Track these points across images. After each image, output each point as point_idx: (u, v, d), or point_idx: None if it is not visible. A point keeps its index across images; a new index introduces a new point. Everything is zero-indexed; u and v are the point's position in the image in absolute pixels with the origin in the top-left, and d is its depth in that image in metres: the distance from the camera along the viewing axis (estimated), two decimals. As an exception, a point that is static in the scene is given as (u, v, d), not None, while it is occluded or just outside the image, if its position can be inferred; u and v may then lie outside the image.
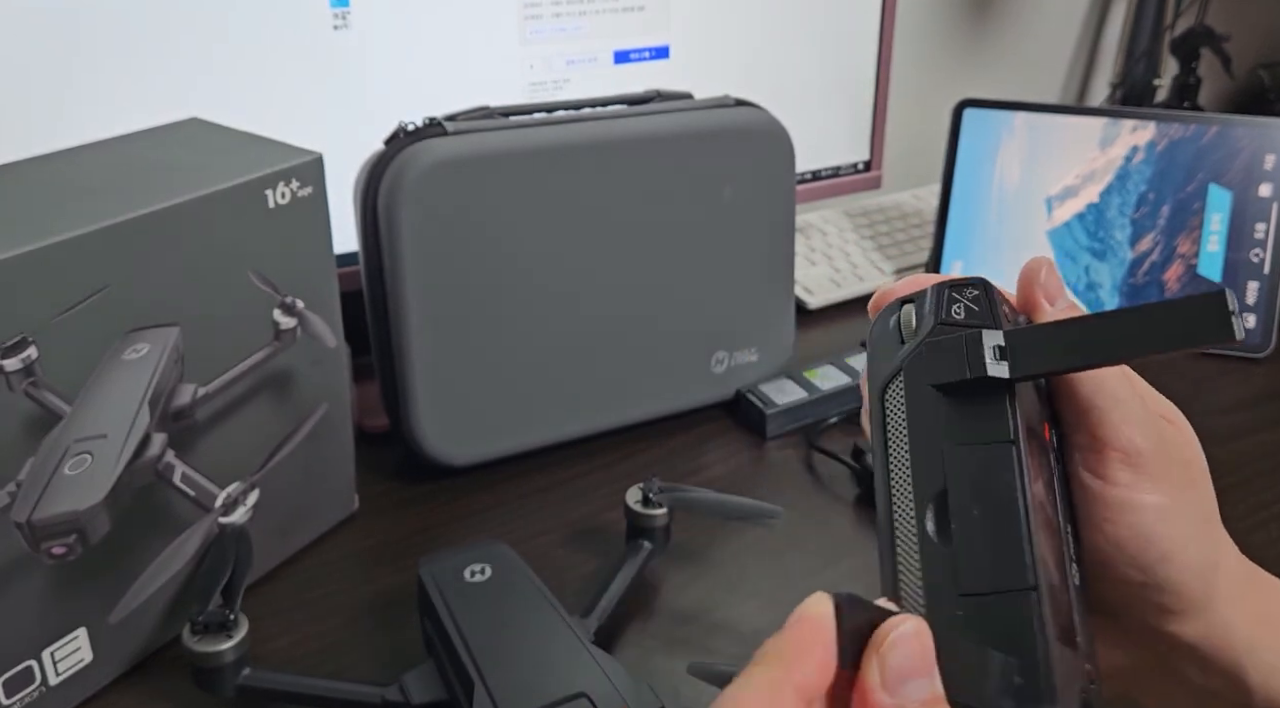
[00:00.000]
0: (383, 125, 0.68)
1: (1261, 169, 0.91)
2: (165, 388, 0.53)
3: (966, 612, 0.29)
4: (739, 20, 0.91)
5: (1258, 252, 0.91)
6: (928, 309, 0.33)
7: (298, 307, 0.59)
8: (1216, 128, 0.92)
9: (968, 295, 0.33)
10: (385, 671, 0.55)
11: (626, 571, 0.59)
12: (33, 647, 0.51)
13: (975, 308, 0.33)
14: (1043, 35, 1.39)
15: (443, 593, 0.52)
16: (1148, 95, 1.35)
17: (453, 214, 0.66)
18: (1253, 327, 0.90)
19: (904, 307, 0.34)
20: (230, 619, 0.51)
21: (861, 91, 1.00)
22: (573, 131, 0.69)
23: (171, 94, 0.70)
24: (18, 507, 0.48)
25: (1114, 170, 0.94)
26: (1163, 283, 0.92)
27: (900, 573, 0.30)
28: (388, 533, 0.67)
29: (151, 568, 0.55)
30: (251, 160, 0.56)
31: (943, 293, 0.33)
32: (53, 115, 0.67)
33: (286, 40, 0.72)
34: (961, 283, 0.34)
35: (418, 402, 0.68)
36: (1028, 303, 0.36)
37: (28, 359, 0.47)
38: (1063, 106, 0.96)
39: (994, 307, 0.33)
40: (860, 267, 1.02)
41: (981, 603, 0.29)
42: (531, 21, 0.81)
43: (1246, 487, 0.72)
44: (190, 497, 0.56)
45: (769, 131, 0.76)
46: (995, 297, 0.33)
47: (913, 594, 0.30)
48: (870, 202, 1.13)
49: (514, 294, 0.69)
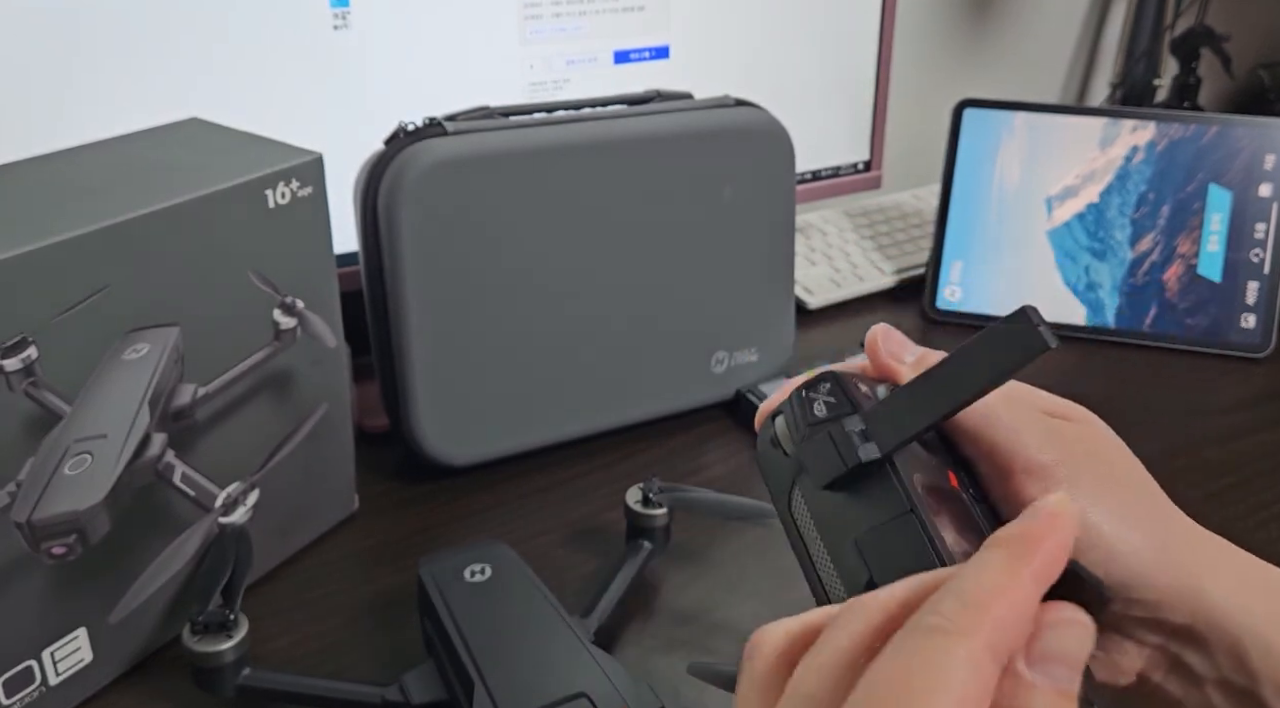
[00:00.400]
0: (383, 125, 0.68)
1: (1261, 169, 0.91)
2: (165, 388, 0.53)
3: None
4: (739, 20, 0.91)
5: (1258, 251, 0.91)
6: (795, 417, 0.35)
7: (298, 307, 0.59)
8: (1216, 128, 0.92)
9: (822, 391, 0.35)
10: (385, 671, 0.55)
11: (626, 571, 0.59)
12: (33, 647, 0.51)
13: (832, 400, 0.35)
14: (1043, 35, 1.39)
15: (443, 593, 0.52)
16: (1148, 95, 1.35)
17: (453, 214, 0.66)
18: (1253, 327, 0.90)
19: (775, 420, 0.36)
20: (230, 619, 0.51)
21: (861, 91, 1.01)
22: (573, 131, 0.69)
23: (171, 94, 0.70)
24: (18, 507, 0.48)
25: (1114, 170, 0.94)
26: (1162, 283, 0.92)
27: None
28: (388, 533, 0.67)
29: (151, 568, 0.55)
30: (251, 160, 0.56)
31: (801, 396, 0.35)
32: (53, 115, 0.67)
33: (287, 40, 0.72)
34: (814, 381, 0.35)
35: (418, 402, 0.68)
36: (882, 370, 0.38)
37: (28, 359, 0.47)
38: (1063, 106, 0.96)
39: (848, 392, 0.35)
40: (860, 267, 1.02)
41: None
42: (531, 21, 0.81)
43: (1246, 487, 0.72)
44: (190, 497, 0.56)
45: (769, 131, 0.76)
46: (847, 383, 0.35)
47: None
48: (870, 202, 1.13)
49: (514, 294, 0.69)
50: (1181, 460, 0.76)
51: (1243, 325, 0.91)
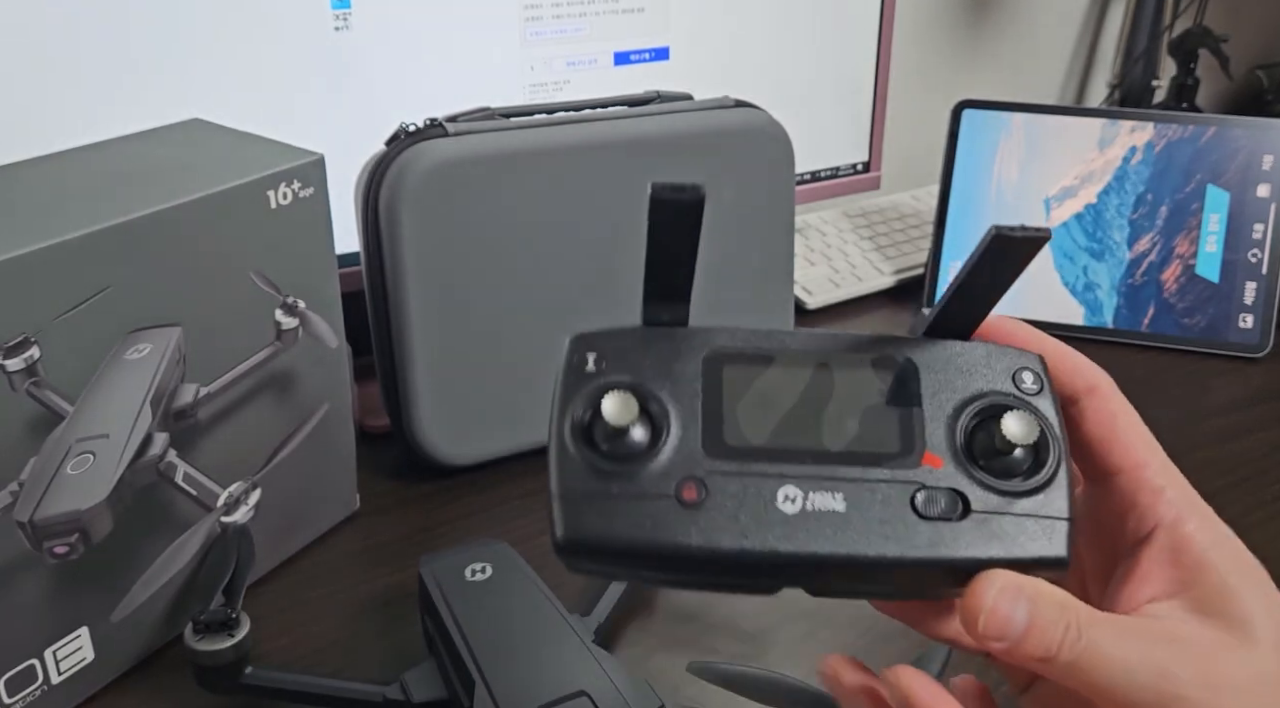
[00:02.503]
0: (384, 126, 0.68)
1: (1259, 170, 0.91)
2: (167, 388, 0.53)
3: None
4: (739, 21, 0.91)
5: (1255, 252, 0.91)
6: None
7: (299, 307, 0.59)
8: (1214, 129, 0.92)
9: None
10: (386, 669, 0.55)
11: (627, 570, 0.59)
12: (35, 646, 0.51)
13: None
14: (1041, 36, 1.40)
15: (443, 592, 0.52)
16: (1146, 96, 1.35)
17: (454, 214, 0.66)
18: (1250, 327, 0.91)
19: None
20: (232, 618, 0.51)
21: (861, 92, 1.01)
22: (573, 132, 0.69)
23: (173, 94, 0.70)
24: (20, 506, 0.48)
25: (1112, 171, 0.94)
26: (1160, 283, 0.92)
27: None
28: (389, 532, 0.67)
29: (153, 567, 0.55)
30: (253, 161, 0.56)
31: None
32: (54, 115, 0.67)
33: (288, 41, 0.73)
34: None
35: (419, 401, 0.68)
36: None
37: (30, 359, 0.47)
38: (1061, 107, 0.96)
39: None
40: (859, 267, 1.02)
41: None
42: (532, 23, 0.81)
43: (1244, 486, 0.73)
44: (192, 496, 0.56)
45: (769, 132, 0.76)
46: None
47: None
48: (869, 202, 1.13)
49: (515, 294, 0.69)
50: (1179, 461, 0.75)
51: (1240, 326, 0.91)
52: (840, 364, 0.32)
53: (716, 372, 0.32)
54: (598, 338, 0.32)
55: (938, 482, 0.31)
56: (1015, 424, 0.31)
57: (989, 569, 0.30)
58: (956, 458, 0.31)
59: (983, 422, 0.32)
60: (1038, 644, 0.29)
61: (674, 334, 0.33)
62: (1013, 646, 0.29)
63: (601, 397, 0.30)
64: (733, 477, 0.30)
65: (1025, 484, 0.31)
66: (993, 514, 0.31)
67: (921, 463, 0.31)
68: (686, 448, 0.31)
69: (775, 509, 0.30)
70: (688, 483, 0.30)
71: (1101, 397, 0.34)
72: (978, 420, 0.32)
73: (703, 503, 0.30)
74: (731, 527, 0.30)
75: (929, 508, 0.31)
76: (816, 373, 0.32)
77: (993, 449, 0.31)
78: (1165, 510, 0.32)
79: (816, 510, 0.30)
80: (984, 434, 0.32)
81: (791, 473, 0.31)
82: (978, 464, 0.31)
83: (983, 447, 0.31)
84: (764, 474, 0.30)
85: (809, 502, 0.30)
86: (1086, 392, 0.34)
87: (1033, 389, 0.33)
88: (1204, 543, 0.32)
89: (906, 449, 0.31)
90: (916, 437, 0.32)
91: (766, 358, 0.32)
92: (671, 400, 0.31)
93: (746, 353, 0.32)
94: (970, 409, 0.32)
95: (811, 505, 0.30)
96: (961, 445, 0.32)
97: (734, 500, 0.30)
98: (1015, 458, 0.31)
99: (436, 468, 0.71)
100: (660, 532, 0.30)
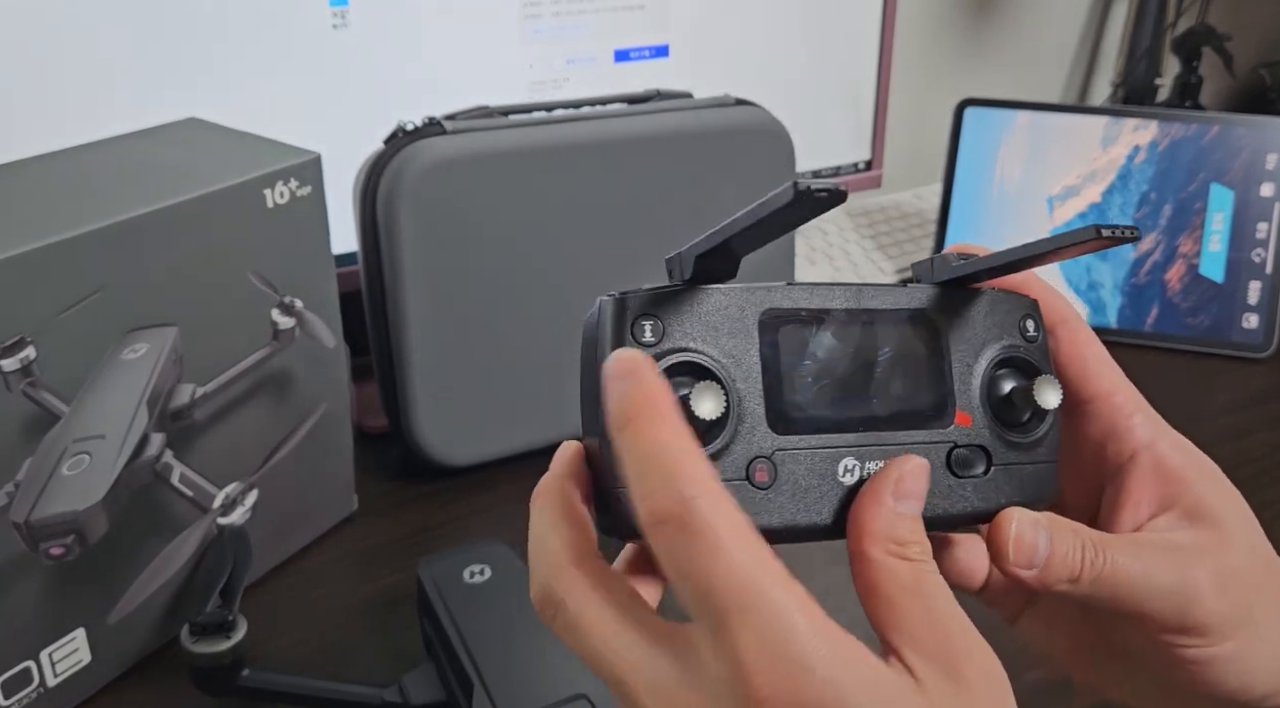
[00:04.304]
0: (382, 125, 0.68)
1: (1263, 168, 0.91)
2: (164, 388, 0.53)
3: None
4: (739, 19, 0.90)
5: (1259, 251, 0.91)
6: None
7: (296, 306, 0.59)
8: (1218, 127, 0.92)
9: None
10: (384, 671, 0.55)
11: (626, 571, 0.59)
12: (31, 648, 0.51)
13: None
14: (1044, 34, 1.39)
15: (442, 594, 0.52)
16: (1149, 94, 1.35)
17: (452, 213, 0.66)
18: (1255, 327, 0.90)
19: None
20: (229, 620, 0.51)
21: (862, 91, 1.00)
22: (572, 131, 0.69)
23: (170, 93, 0.69)
24: (16, 507, 0.48)
25: (1116, 170, 0.94)
26: (1164, 283, 0.92)
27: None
28: (387, 533, 0.67)
29: (150, 569, 0.55)
30: (250, 160, 0.56)
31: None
32: (53, 115, 0.67)
33: (285, 40, 0.72)
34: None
35: (417, 401, 0.68)
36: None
37: (26, 359, 0.47)
38: (1064, 106, 0.96)
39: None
40: (861, 266, 1.02)
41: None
42: (531, 21, 0.81)
43: (1248, 486, 0.72)
44: (189, 497, 0.56)
45: (769, 131, 0.75)
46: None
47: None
48: (871, 201, 1.13)
49: (513, 293, 0.69)
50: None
51: (1244, 325, 0.90)
52: (880, 320, 0.33)
53: (773, 336, 0.31)
54: (648, 301, 0.31)
55: (969, 439, 0.33)
56: (1049, 392, 0.33)
57: (1006, 510, 0.33)
58: (982, 414, 0.33)
59: (998, 376, 0.34)
60: (1062, 567, 0.32)
61: (725, 295, 0.31)
62: (1041, 572, 0.32)
63: (671, 374, 0.30)
64: (798, 453, 0.31)
65: (1031, 435, 0.34)
66: (1009, 466, 0.33)
67: (954, 422, 0.33)
68: (753, 424, 0.31)
69: (837, 482, 0.31)
70: (759, 464, 0.30)
71: (1072, 328, 0.36)
72: (994, 374, 0.34)
73: (773, 483, 0.31)
74: (801, 504, 0.31)
75: (962, 467, 0.33)
76: (862, 332, 0.32)
77: (1011, 405, 0.33)
78: (1142, 433, 0.36)
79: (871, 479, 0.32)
80: (1001, 388, 0.33)
81: (848, 443, 0.32)
82: (997, 419, 0.33)
83: (1000, 401, 0.33)
84: (825, 447, 0.31)
85: (864, 471, 0.32)
86: (1059, 323, 0.36)
87: (1035, 336, 0.34)
88: (1178, 460, 0.36)
89: (941, 408, 0.33)
90: (948, 394, 0.33)
91: (817, 317, 0.32)
92: (736, 372, 0.31)
93: (799, 313, 0.32)
94: (989, 363, 0.33)
95: (867, 474, 0.31)
96: (985, 401, 0.33)
97: (801, 478, 0.31)
98: (1024, 410, 0.34)
99: (435, 469, 0.71)
100: None
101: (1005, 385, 0.33)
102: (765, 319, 0.31)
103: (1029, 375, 0.34)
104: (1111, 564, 0.32)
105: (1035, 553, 0.32)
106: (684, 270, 0.31)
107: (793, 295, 0.32)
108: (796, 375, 0.31)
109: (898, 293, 0.33)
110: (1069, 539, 0.33)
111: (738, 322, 0.31)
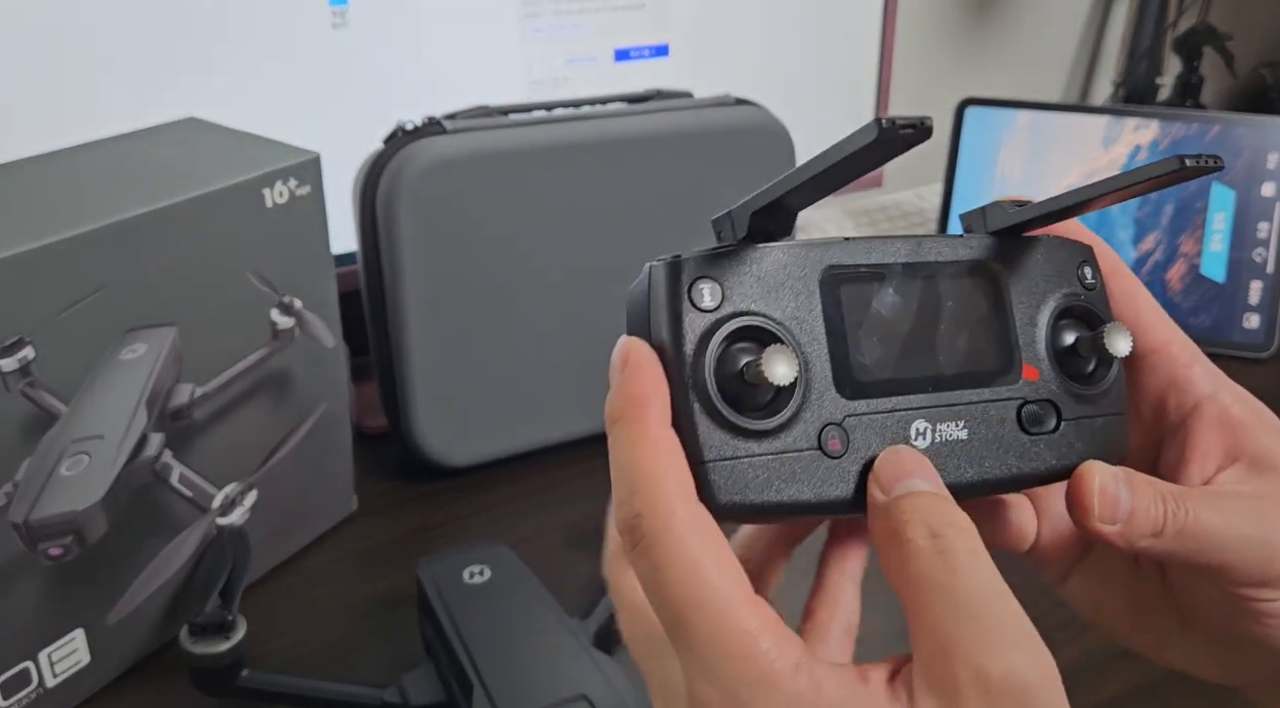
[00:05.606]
0: (381, 124, 0.68)
1: (1264, 168, 0.91)
2: (163, 388, 0.53)
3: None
4: (739, 19, 0.90)
5: (1261, 251, 0.91)
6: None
7: (296, 306, 0.59)
8: (1219, 127, 0.92)
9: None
10: (384, 672, 0.55)
11: (626, 571, 0.59)
12: (30, 648, 0.50)
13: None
14: (1045, 34, 1.39)
15: (442, 594, 0.52)
16: (1150, 94, 1.34)
17: (451, 213, 0.66)
18: (1256, 327, 0.90)
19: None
20: (228, 620, 0.51)
21: (863, 90, 1.00)
22: (572, 130, 0.69)
23: (169, 93, 0.69)
24: (15, 507, 0.48)
25: (1117, 169, 0.93)
26: (1165, 282, 0.92)
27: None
28: (386, 533, 0.67)
29: (149, 569, 0.55)
30: (249, 160, 0.56)
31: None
32: (53, 115, 0.67)
33: (285, 39, 0.72)
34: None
35: (416, 402, 0.68)
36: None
37: (24, 359, 0.47)
38: (1065, 105, 0.96)
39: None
40: (861, 266, 1.02)
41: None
42: (531, 20, 0.81)
43: (1249, 487, 0.72)
44: (188, 497, 0.56)
45: (769, 131, 0.75)
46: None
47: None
48: (872, 201, 1.13)
49: (513, 293, 0.69)
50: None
51: (1246, 326, 0.90)
52: (941, 274, 0.31)
53: (835, 296, 0.30)
54: (705, 262, 0.29)
55: (1037, 394, 0.32)
56: (1120, 339, 0.31)
57: (1086, 464, 0.32)
58: (1050, 366, 0.32)
59: (1059, 326, 0.32)
60: (1145, 521, 0.31)
61: (785, 252, 0.29)
62: (1124, 527, 0.31)
63: (734, 340, 0.28)
64: (869, 418, 0.30)
65: (1098, 387, 0.32)
66: (1079, 419, 0.32)
67: (1021, 377, 0.32)
68: (822, 390, 0.29)
69: (910, 447, 0.30)
70: (830, 432, 0.29)
71: (1122, 278, 0.35)
72: (1056, 324, 0.32)
73: (846, 451, 0.29)
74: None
75: (1033, 424, 0.31)
76: (924, 287, 0.31)
77: (1076, 356, 0.32)
78: (1203, 384, 0.34)
79: (945, 441, 0.31)
80: (1064, 339, 0.32)
81: (918, 405, 0.30)
82: (1065, 372, 0.32)
83: (1064, 352, 0.32)
84: (895, 410, 0.30)
85: (937, 434, 0.30)
86: (1110, 274, 0.35)
87: (1093, 283, 0.33)
88: (1240, 410, 0.34)
89: (1007, 363, 0.32)
90: (1014, 348, 0.32)
91: (878, 274, 0.31)
92: (802, 334, 0.29)
93: (860, 270, 0.30)
94: (1051, 313, 0.32)
95: (940, 437, 0.30)
96: (1050, 353, 0.32)
97: (875, 446, 0.30)
98: (1088, 361, 0.32)
99: (435, 469, 0.70)
100: (813, 488, 0.29)
101: (1069, 336, 0.32)
102: (826, 278, 0.30)
103: (1090, 325, 0.32)
104: (1194, 517, 0.31)
105: (1119, 507, 0.31)
106: (738, 229, 0.29)
107: (851, 251, 0.30)
108: (861, 336, 0.30)
109: (955, 243, 0.32)
110: (1148, 493, 0.31)
111: (799, 281, 0.29)
